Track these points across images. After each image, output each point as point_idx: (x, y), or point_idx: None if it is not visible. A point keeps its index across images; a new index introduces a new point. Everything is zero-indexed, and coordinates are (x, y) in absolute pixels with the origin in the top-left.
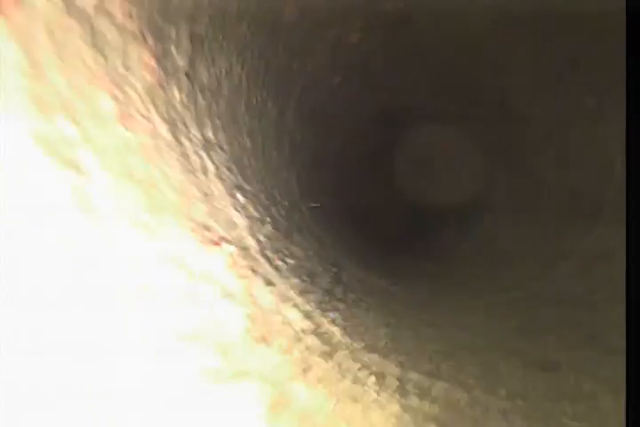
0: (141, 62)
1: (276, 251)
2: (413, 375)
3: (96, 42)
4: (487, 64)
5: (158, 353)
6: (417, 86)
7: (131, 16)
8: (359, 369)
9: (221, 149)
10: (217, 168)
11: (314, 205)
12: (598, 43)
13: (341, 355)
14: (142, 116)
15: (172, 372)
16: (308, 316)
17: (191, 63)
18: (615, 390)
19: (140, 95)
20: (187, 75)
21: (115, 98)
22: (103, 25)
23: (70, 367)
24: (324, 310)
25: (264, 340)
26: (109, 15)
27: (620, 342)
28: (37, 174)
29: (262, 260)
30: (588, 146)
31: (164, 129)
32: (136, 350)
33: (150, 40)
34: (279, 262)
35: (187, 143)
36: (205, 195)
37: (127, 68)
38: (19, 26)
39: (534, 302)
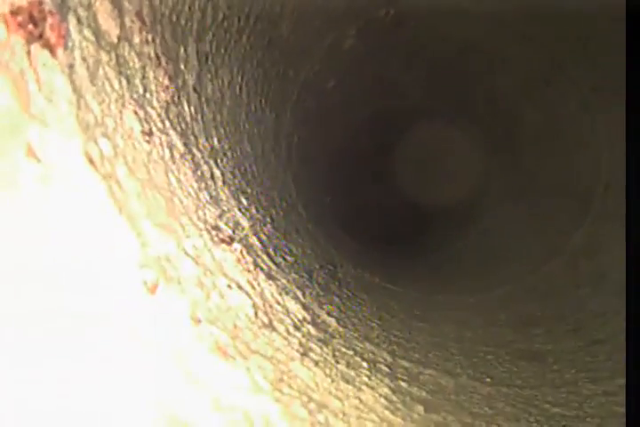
0: (157, 82)
1: (277, 249)
2: (403, 363)
3: (120, 67)
4: (478, 66)
5: (177, 334)
6: (409, 89)
7: (147, 41)
8: (352, 355)
9: (225, 155)
10: (223, 174)
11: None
12: (584, 44)
13: (336, 342)
14: (159, 130)
15: (190, 350)
16: (306, 307)
17: (198, 78)
18: (595, 378)
19: (157, 112)
20: (195, 89)
21: (137, 116)
22: (125, 52)
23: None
24: (320, 303)
25: (268, 326)
26: (130, 43)
27: (602, 333)
28: (85, 185)
29: (265, 256)
30: (576, 146)
31: (178, 141)
32: (156, 330)
33: (164, 61)
34: (279, 259)
35: (197, 153)
36: (215, 199)
37: (146, 88)
38: (62, 59)
39: (522, 296)
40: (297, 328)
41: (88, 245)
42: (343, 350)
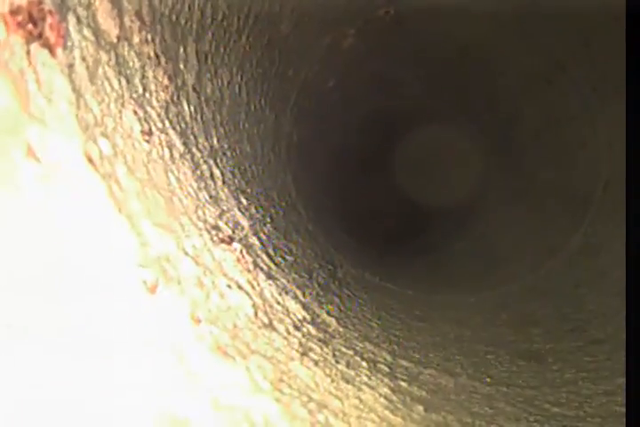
0: (157, 81)
1: (276, 248)
2: (403, 363)
3: (120, 67)
4: (477, 66)
5: (177, 334)
6: (409, 88)
7: (147, 41)
8: (352, 355)
9: (225, 155)
10: (222, 174)
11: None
12: (585, 43)
13: (336, 342)
14: (159, 130)
15: (190, 350)
16: (306, 307)
17: (198, 78)
18: (595, 377)
19: (156, 111)
20: (194, 89)
21: (136, 115)
22: (125, 52)
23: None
24: (320, 303)
25: (268, 326)
26: (129, 43)
27: (602, 333)
28: (85, 184)
29: (264, 256)
30: (576, 146)
31: (177, 141)
32: (156, 330)
33: (163, 61)
34: (279, 259)
35: (197, 153)
36: (214, 198)
37: (145, 87)
38: (61, 59)
39: (522, 296)
40: (297, 328)
41: (87, 244)
42: (343, 349)
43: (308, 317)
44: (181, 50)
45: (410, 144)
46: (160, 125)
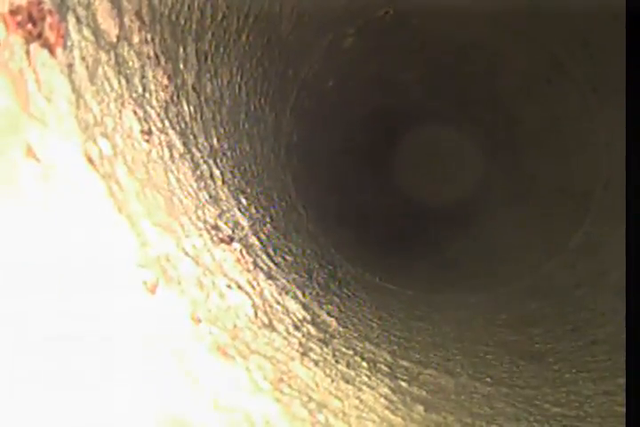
0: (157, 81)
1: (276, 248)
2: (403, 363)
3: (119, 67)
4: (477, 66)
5: (177, 334)
6: (409, 88)
7: (146, 41)
8: (352, 355)
9: (225, 155)
10: (222, 174)
11: None
12: (584, 43)
13: (336, 342)
14: (159, 130)
15: (190, 350)
16: (306, 307)
17: (197, 78)
18: (595, 377)
19: (156, 111)
20: (194, 89)
21: (136, 115)
22: (124, 51)
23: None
24: (320, 303)
25: (268, 326)
26: (129, 43)
27: (602, 333)
28: (84, 184)
29: (264, 256)
30: (576, 146)
31: (177, 141)
32: (156, 330)
33: (163, 60)
34: (279, 259)
35: (196, 152)
36: (214, 198)
37: (145, 87)
38: (61, 59)
39: (522, 296)
40: (297, 328)
41: (87, 244)
42: (343, 349)
43: (308, 317)
44: (181, 50)
45: (409, 144)
46: (160, 125)
